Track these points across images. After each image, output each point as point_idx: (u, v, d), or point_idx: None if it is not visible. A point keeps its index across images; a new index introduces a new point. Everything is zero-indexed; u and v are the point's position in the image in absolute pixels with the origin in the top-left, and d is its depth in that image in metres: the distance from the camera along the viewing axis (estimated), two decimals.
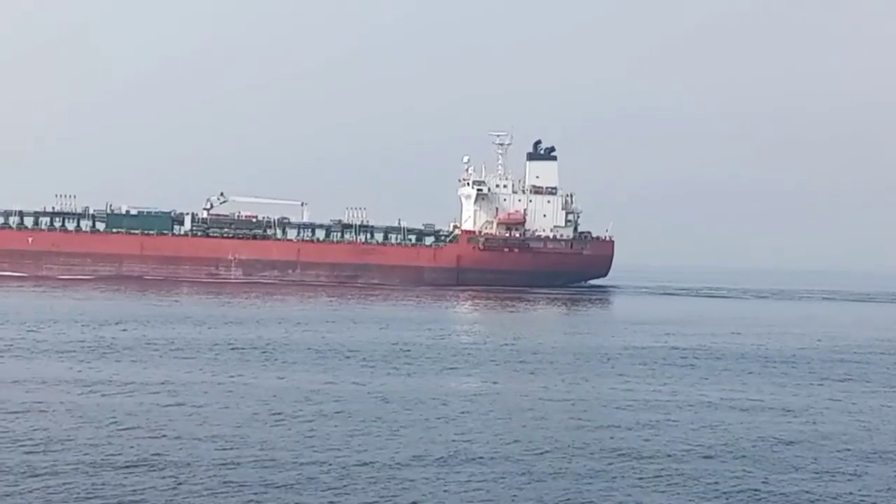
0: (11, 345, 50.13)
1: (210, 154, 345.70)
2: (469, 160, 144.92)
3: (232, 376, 42.50)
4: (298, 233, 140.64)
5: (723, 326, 79.88)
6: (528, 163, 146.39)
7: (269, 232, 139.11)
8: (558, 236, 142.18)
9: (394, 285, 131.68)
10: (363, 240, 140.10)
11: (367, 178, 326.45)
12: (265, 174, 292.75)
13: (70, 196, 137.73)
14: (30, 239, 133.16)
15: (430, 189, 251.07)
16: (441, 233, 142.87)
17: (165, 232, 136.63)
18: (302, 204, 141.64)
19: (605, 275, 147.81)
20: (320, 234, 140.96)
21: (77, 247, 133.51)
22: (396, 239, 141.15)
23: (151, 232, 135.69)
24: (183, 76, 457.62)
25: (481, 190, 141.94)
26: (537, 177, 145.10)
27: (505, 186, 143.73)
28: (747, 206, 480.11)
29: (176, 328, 61.71)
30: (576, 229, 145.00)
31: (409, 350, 53.67)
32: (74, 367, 43.54)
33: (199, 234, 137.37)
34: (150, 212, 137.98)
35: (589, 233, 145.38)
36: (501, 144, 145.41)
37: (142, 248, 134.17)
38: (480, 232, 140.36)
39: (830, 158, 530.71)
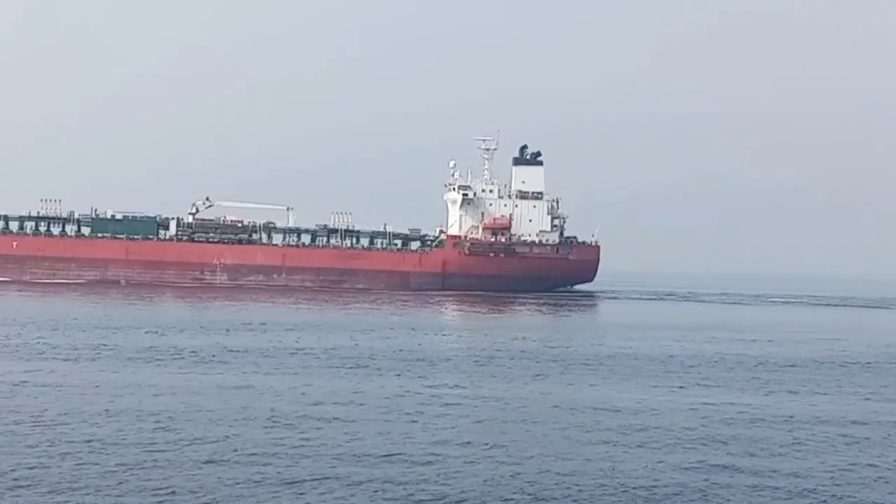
0: None
1: (196, 160, 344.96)
2: (455, 165, 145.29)
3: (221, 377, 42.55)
4: (284, 237, 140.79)
5: (704, 332, 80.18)
6: (513, 167, 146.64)
7: (255, 237, 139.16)
8: (544, 241, 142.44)
9: (379, 290, 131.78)
10: (349, 245, 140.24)
11: (353, 183, 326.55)
12: (251, 179, 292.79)
13: (55, 200, 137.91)
14: (14, 244, 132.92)
15: (417, 194, 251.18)
16: (427, 238, 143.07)
17: (150, 236, 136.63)
18: (287, 209, 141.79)
19: (591, 280, 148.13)
20: (306, 238, 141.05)
21: (62, 251, 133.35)
22: (382, 244, 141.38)
23: (136, 236, 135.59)
24: (171, 82, 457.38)
25: (467, 195, 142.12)
26: (523, 182, 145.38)
27: (491, 191, 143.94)
28: (740, 209, 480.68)
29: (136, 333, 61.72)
30: (562, 234, 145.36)
31: (376, 357, 53.55)
32: None
33: (185, 238, 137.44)
34: (136, 216, 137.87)
35: (575, 238, 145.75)
36: (487, 149, 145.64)
37: (127, 253, 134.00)
38: (466, 237, 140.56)
39: (822, 160, 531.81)
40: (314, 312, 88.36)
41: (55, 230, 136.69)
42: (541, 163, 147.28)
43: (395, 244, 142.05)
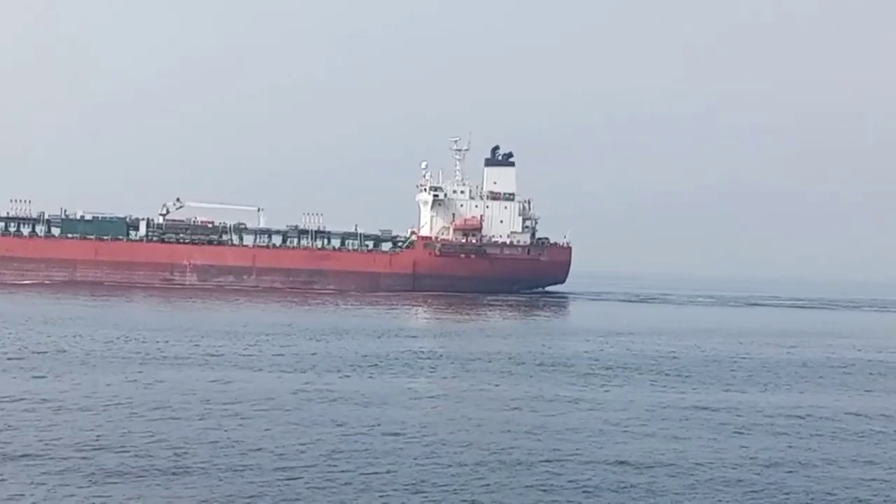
0: None
1: (173, 167, 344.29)
2: (427, 166, 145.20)
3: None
4: (255, 238, 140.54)
5: (677, 334, 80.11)
6: (485, 168, 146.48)
7: (226, 237, 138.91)
8: (515, 242, 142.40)
9: (350, 291, 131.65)
10: (320, 245, 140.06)
11: (327, 185, 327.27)
12: (223, 181, 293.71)
13: (25, 201, 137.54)
14: None
15: (391, 195, 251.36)
16: (398, 239, 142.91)
17: (120, 237, 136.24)
18: (258, 210, 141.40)
19: (563, 281, 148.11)
20: (277, 239, 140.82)
21: (31, 252, 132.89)
22: (353, 245, 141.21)
23: (106, 237, 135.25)
24: (147, 94, 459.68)
25: (437, 196, 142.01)
26: (495, 183, 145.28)
27: (462, 192, 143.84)
28: (717, 212, 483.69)
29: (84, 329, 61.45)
30: (533, 235, 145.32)
31: (341, 357, 53.56)
32: None
33: (155, 239, 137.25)
34: (105, 217, 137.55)
35: (546, 239, 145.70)
36: (459, 150, 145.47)
37: (96, 254, 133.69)
38: (437, 238, 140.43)
39: (813, 165, 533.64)
40: (266, 313, 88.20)
41: (25, 231, 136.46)
42: (512, 164, 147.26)
43: (367, 245, 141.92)
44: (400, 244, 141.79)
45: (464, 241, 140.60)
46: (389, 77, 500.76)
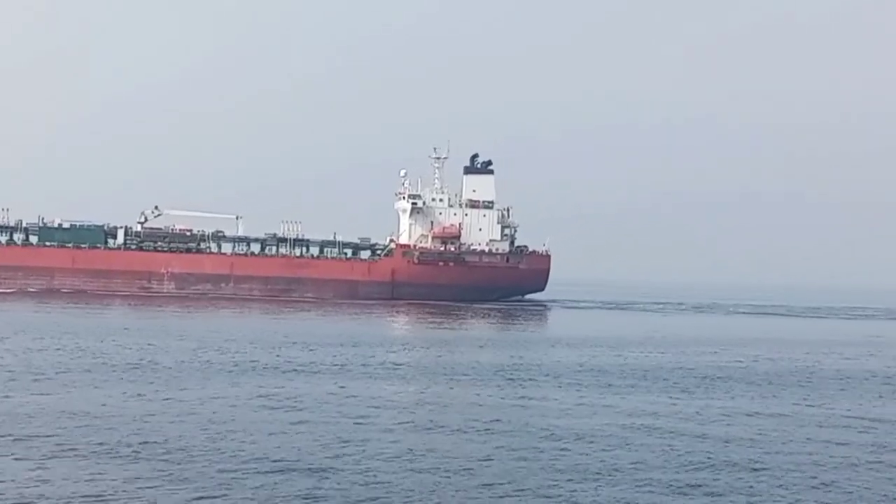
0: None
1: (151, 174, 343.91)
2: (406, 174, 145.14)
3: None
4: (234, 247, 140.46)
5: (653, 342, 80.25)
6: (464, 176, 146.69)
7: (204, 245, 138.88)
8: (494, 250, 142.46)
9: (328, 299, 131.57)
10: (298, 253, 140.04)
11: (305, 193, 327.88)
12: (200, 191, 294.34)
13: (3, 209, 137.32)
14: None
15: (370, 203, 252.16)
16: (377, 247, 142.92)
17: (98, 245, 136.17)
18: (237, 217, 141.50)
19: (543, 289, 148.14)
20: (255, 247, 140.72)
21: (8, 260, 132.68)
22: (332, 253, 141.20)
23: (84, 245, 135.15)
24: (139, 104, 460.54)
25: (416, 203, 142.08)
26: (474, 190, 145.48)
27: (441, 200, 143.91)
28: (695, 218, 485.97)
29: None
30: (512, 243, 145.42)
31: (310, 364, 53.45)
32: None
33: (133, 247, 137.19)
34: (83, 225, 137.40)
35: (525, 247, 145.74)
36: (438, 158, 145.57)
37: (73, 262, 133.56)
38: (415, 246, 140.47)
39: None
40: (237, 320, 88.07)
41: (3, 239, 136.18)
42: (491, 171, 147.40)
43: (346, 253, 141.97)
44: (379, 252, 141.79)
45: (442, 248, 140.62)
46: (369, 87, 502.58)
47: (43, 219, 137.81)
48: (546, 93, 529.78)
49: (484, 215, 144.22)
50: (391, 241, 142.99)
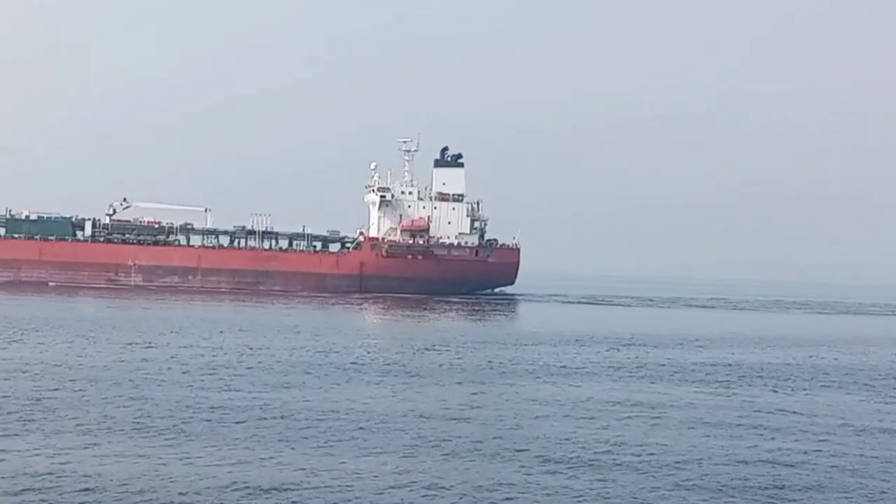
0: None
1: (126, 169, 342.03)
2: (376, 167, 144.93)
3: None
4: (202, 239, 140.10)
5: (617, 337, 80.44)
6: (434, 169, 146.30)
7: (172, 238, 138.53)
8: (463, 243, 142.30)
9: (296, 292, 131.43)
10: (267, 246, 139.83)
11: (276, 186, 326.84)
12: (174, 184, 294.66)
13: None
14: None
15: (341, 196, 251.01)
16: (347, 240, 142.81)
17: (65, 237, 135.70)
18: (206, 210, 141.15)
19: (512, 283, 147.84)
20: (224, 240, 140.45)
21: None
22: (301, 246, 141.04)
23: (51, 237, 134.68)
24: (118, 105, 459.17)
25: (385, 196, 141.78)
26: (444, 183, 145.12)
27: (410, 193, 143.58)
28: (672, 218, 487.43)
29: None
30: (482, 237, 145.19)
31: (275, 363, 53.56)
32: None
33: (101, 239, 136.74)
34: (51, 217, 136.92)
35: (495, 240, 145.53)
36: (408, 151, 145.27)
37: (40, 254, 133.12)
38: (384, 239, 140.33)
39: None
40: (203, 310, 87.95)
41: None
42: (462, 164, 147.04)
43: (315, 246, 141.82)
44: (348, 245, 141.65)
45: (411, 241, 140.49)
46: (359, 86, 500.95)
47: (10, 210, 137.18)
48: (546, 93, 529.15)
49: (453, 208, 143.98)
50: (360, 234, 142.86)
